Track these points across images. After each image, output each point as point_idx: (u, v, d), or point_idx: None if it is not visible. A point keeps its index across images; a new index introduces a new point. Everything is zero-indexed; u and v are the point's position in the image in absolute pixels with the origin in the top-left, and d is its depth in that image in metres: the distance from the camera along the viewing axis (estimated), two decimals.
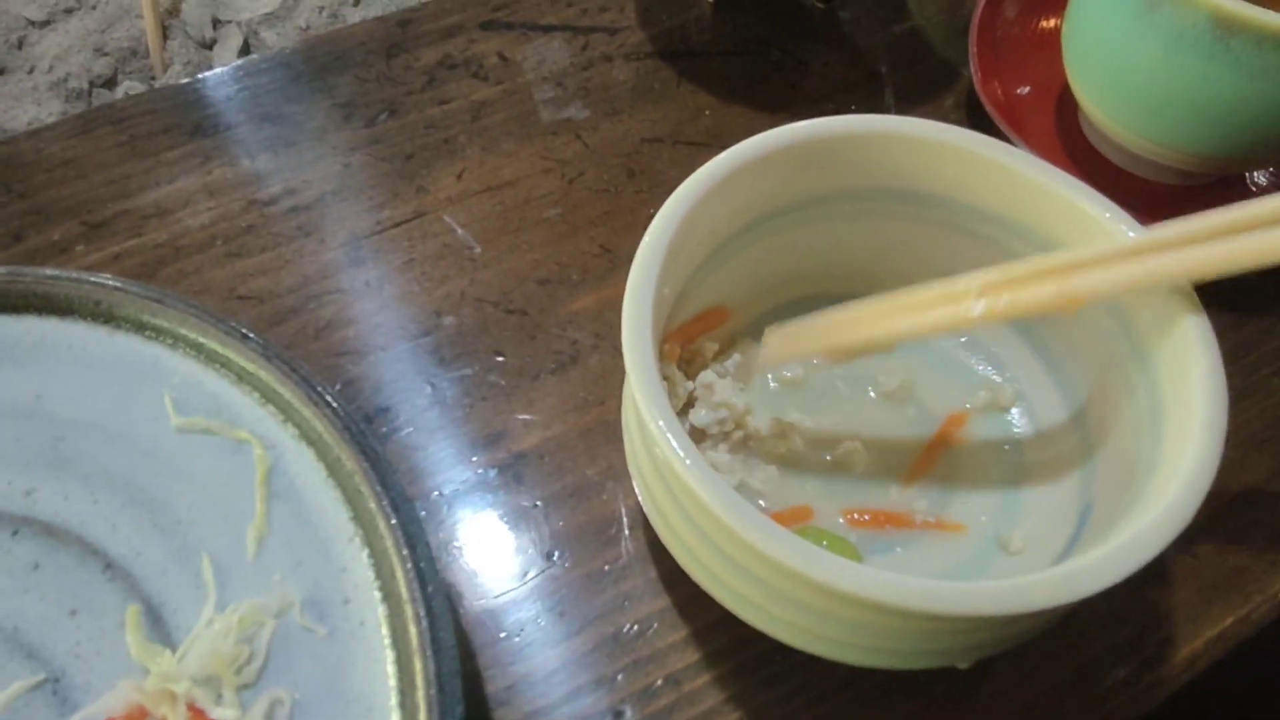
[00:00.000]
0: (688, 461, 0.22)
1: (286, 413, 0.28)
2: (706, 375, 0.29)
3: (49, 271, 0.30)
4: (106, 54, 0.73)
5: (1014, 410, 0.31)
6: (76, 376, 0.29)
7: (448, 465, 0.32)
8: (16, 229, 0.37)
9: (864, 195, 0.30)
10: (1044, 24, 0.43)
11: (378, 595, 0.26)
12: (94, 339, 0.30)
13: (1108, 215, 0.26)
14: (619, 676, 0.28)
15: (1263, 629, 0.30)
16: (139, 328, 0.30)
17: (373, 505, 0.26)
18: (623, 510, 0.31)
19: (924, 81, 0.44)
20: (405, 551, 0.25)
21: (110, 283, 0.30)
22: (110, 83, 0.75)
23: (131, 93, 0.73)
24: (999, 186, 0.28)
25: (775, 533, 0.21)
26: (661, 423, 0.23)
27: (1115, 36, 0.34)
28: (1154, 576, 0.31)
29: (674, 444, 0.22)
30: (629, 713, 0.28)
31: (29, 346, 0.30)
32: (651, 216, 0.26)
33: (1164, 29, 0.32)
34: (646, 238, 0.25)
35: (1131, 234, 0.26)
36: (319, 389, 0.28)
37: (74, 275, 0.30)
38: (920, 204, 0.30)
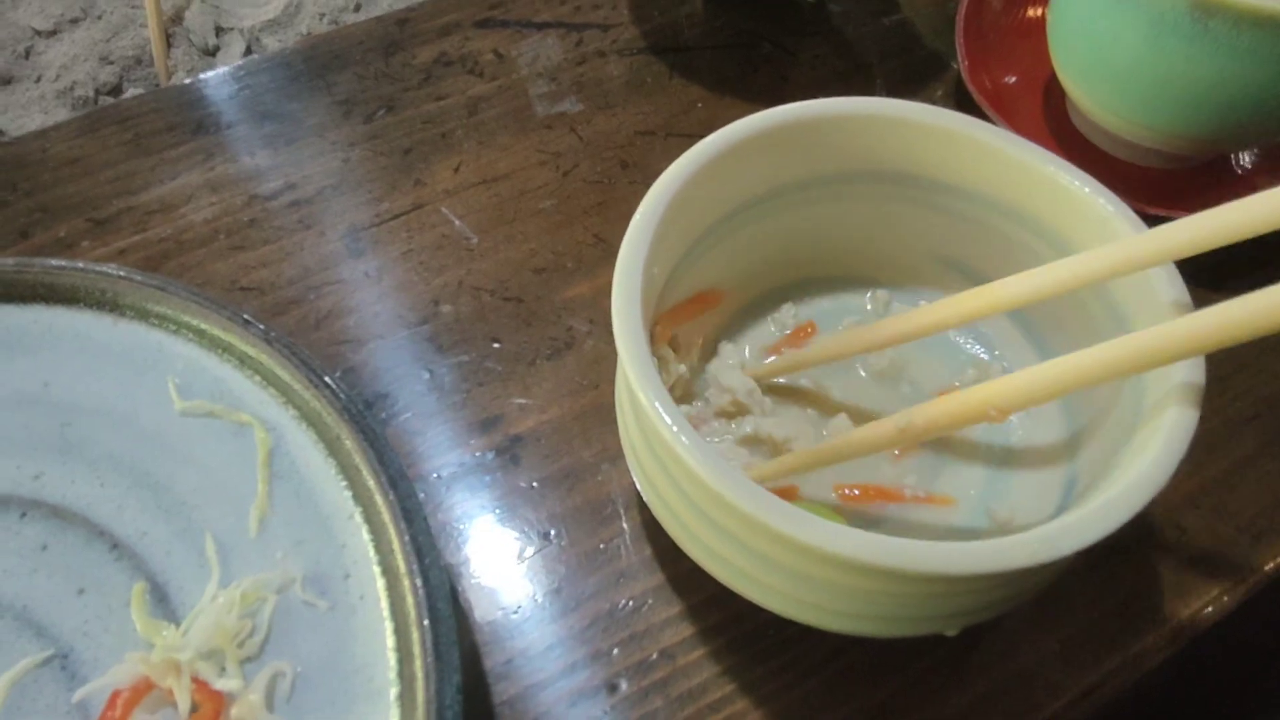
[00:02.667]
0: (675, 429, 0.22)
1: (287, 395, 0.29)
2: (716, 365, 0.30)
3: (56, 262, 0.31)
4: (112, 62, 0.75)
5: None
6: (83, 363, 0.30)
7: (446, 449, 0.33)
8: (23, 226, 0.38)
9: (853, 178, 0.31)
10: (1029, 13, 0.44)
11: (377, 570, 0.26)
12: (99, 327, 0.31)
13: (1087, 190, 0.27)
14: (614, 651, 0.29)
15: (1248, 602, 0.31)
16: (143, 315, 0.31)
17: (371, 482, 0.27)
18: (617, 491, 0.32)
19: (913, 72, 0.44)
20: (403, 525, 0.25)
21: (115, 272, 0.30)
22: (116, 90, 0.76)
23: None
24: (982, 165, 0.29)
25: (763, 496, 0.22)
26: (651, 393, 0.23)
27: (1097, 21, 0.35)
28: (1141, 549, 0.31)
29: (663, 414, 0.23)
30: (624, 686, 0.28)
31: (37, 335, 0.30)
32: None
33: (1144, 12, 0.33)
34: (636, 217, 0.26)
35: (1110, 208, 0.26)
36: (318, 371, 0.28)
37: (80, 265, 0.30)
38: (908, 185, 0.31)
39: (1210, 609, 0.30)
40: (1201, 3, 0.31)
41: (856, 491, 0.29)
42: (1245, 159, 0.40)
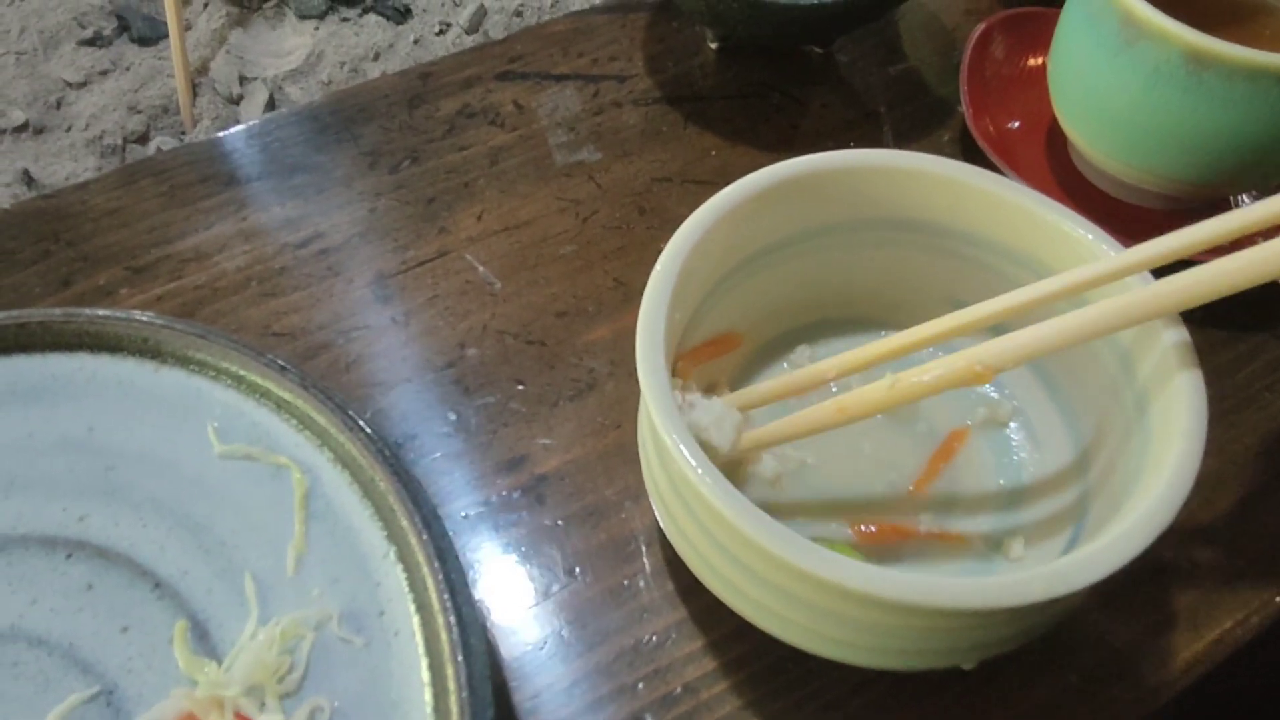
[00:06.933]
0: (699, 470, 0.23)
1: (323, 438, 0.30)
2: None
3: (100, 311, 0.32)
4: (139, 112, 0.77)
5: (1012, 425, 0.32)
6: (126, 409, 0.31)
7: (473, 488, 0.34)
8: (65, 275, 0.39)
9: (866, 225, 0.32)
10: (1030, 62, 0.45)
11: (411, 607, 0.27)
12: (142, 374, 0.32)
13: (1090, 237, 0.28)
14: (639, 685, 0.29)
15: (1263, 633, 0.31)
16: (184, 362, 0.32)
17: (405, 523, 0.28)
18: (639, 528, 0.33)
19: (919, 120, 0.46)
20: (436, 564, 0.26)
21: (157, 321, 0.32)
22: (143, 139, 0.78)
23: (164, 148, 0.76)
24: (988, 213, 0.30)
25: (784, 535, 0.23)
26: (675, 435, 0.24)
27: (1097, 72, 0.36)
28: (1153, 584, 0.32)
29: (687, 455, 0.24)
30: None
31: (82, 382, 0.32)
32: (662, 251, 0.28)
33: (1141, 64, 0.34)
34: (658, 266, 0.27)
35: (1112, 254, 0.28)
36: (352, 415, 0.29)
37: (123, 315, 0.32)
38: (919, 232, 0.32)
39: (1223, 642, 0.31)
40: (1196, 56, 0.32)
41: (873, 529, 0.30)
42: (1245, 201, 0.41)
